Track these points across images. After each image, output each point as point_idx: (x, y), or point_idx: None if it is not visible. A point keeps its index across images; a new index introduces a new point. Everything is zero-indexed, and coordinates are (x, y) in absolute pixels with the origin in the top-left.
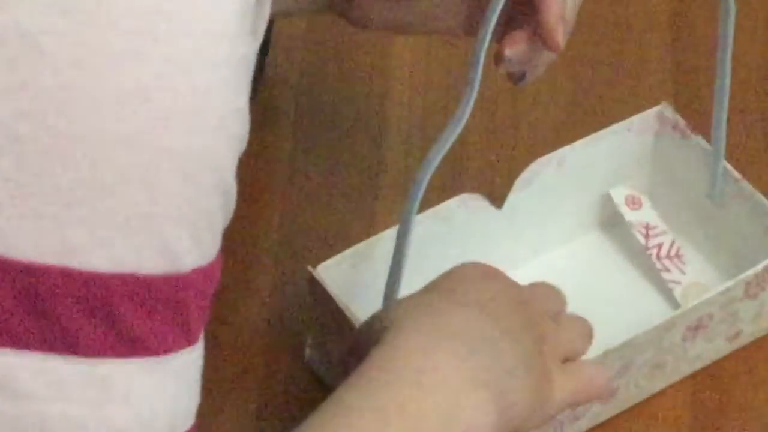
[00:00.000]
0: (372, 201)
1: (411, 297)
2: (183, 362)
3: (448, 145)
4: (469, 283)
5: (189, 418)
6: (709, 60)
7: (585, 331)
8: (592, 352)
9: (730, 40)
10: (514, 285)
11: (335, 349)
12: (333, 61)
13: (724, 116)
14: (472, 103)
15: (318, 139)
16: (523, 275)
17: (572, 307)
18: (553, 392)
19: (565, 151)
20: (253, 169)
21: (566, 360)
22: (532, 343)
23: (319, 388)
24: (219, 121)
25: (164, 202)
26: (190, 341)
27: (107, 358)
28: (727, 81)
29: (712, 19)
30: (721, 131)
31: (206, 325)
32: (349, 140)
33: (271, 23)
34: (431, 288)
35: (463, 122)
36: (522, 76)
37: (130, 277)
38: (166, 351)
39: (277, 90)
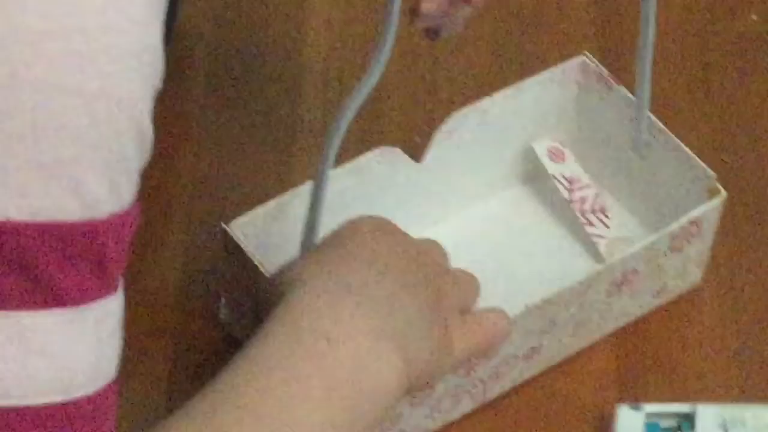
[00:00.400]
0: (288, 155)
1: (311, 254)
2: (103, 311)
3: (363, 96)
4: (364, 237)
5: (111, 369)
6: (633, 9)
7: (474, 284)
8: (515, 308)
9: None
10: (407, 238)
11: (250, 306)
12: (247, 11)
13: (648, 66)
14: (387, 53)
15: (232, 92)
16: (443, 230)
17: (494, 263)
18: (452, 344)
19: (485, 102)
20: (165, 123)
21: (462, 311)
22: (430, 296)
23: (233, 347)
24: (131, 59)
25: (77, 146)
26: (109, 289)
27: (25, 310)
28: (651, 31)
29: None
30: (645, 81)
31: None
32: (264, 92)
33: None
34: (329, 243)
35: (379, 72)
36: (437, 32)
37: (45, 226)
38: (86, 300)
39: (189, 41)
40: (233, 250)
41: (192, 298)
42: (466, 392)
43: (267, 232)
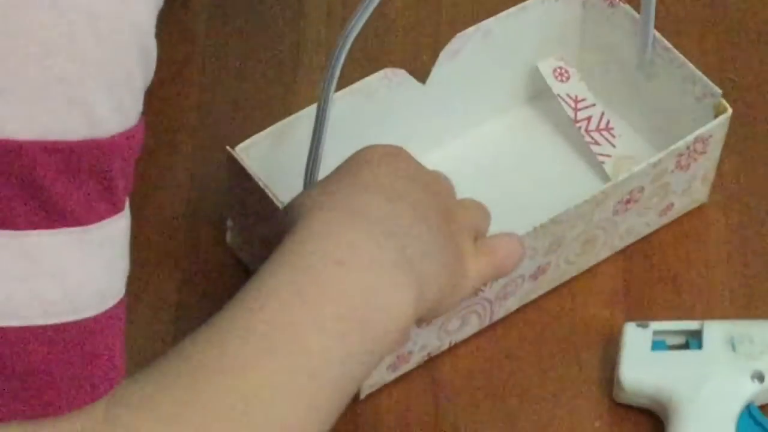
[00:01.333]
0: (292, 76)
1: (321, 183)
2: (110, 231)
3: (365, 17)
4: (375, 166)
5: (120, 288)
6: None
7: (484, 212)
8: (522, 228)
9: None
10: (418, 166)
11: (257, 230)
12: None
13: None
14: None
15: (236, 14)
16: (449, 151)
17: (500, 183)
18: (467, 270)
19: (489, 22)
20: (170, 46)
21: (474, 238)
22: (442, 223)
23: (240, 270)
24: None
25: (82, 65)
26: (116, 209)
27: (33, 230)
28: None
29: None
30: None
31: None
32: (267, 13)
33: None
34: (340, 172)
35: None
36: None
37: (51, 145)
38: (93, 220)
39: None
40: (239, 174)
41: (199, 222)
42: (473, 312)
43: (272, 155)
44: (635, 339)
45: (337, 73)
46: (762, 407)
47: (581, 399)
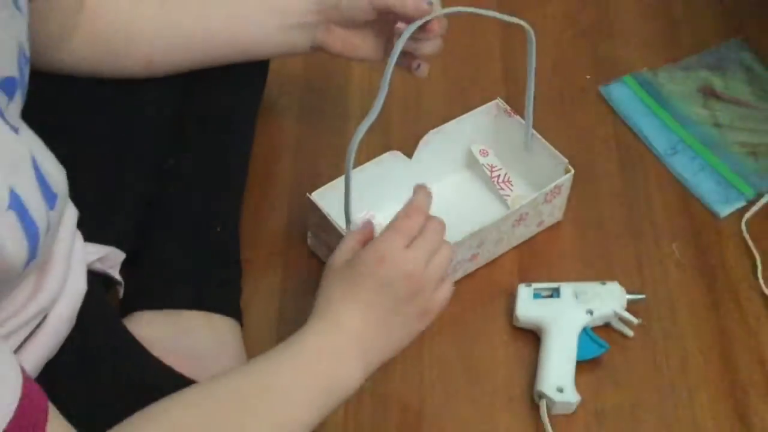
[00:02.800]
0: (342, 154)
1: (346, 264)
2: None
3: (368, 124)
4: (367, 278)
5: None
6: (525, 70)
7: (447, 257)
8: (463, 234)
9: (534, 60)
10: (399, 269)
11: (323, 238)
12: (321, 62)
13: (531, 106)
14: (382, 99)
15: (315, 113)
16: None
17: (450, 213)
18: (427, 319)
19: (446, 126)
20: (271, 135)
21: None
22: (405, 319)
23: (312, 258)
24: None
25: None
26: None
27: None
28: (532, 85)
29: (525, 53)
30: (529, 113)
31: (252, 226)
32: (327, 114)
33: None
34: (359, 261)
35: (377, 112)
36: (417, 66)
37: None
38: None
39: (285, 78)
40: (315, 209)
41: (293, 234)
42: None
43: (331, 197)
44: (524, 293)
45: (353, 156)
46: (592, 329)
47: (494, 326)
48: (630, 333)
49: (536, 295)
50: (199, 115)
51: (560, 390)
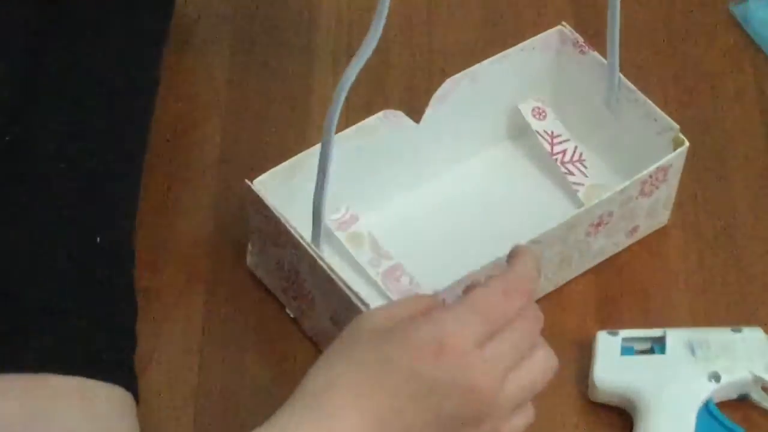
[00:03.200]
0: (304, 117)
1: (368, 339)
2: None
3: (361, 63)
4: (417, 363)
5: None
6: None
7: (549, 366)
8: (505, 250)
9: None
10: (475, 371)
11: (272, 253)
12: None
13: (617, 33)
14: (379, 29)
15: (254, 63)
16: (441, 183)
17: (487, 210)
18: None
19: (475, 68)
20: (196, 92)
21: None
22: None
23: (259, 288)
24: None
25: None
26: None
27: None
28: (617, 5)
29: None
30: (614, 46)
31: (155, 234)
32: (282, 64)
33: None
34: (389, 349)
35: (373, 45)
36: None
37: None
38: None
39: (214, 20)
40: (257, 205)
41: (223, 247)
42: None
43: (286, 187)
44: (606, 345)
45: (337, 113)
46: (718, 404)
47: (560, 399)
48: None
49: (627, 350)
50: (63, 62)
51: None
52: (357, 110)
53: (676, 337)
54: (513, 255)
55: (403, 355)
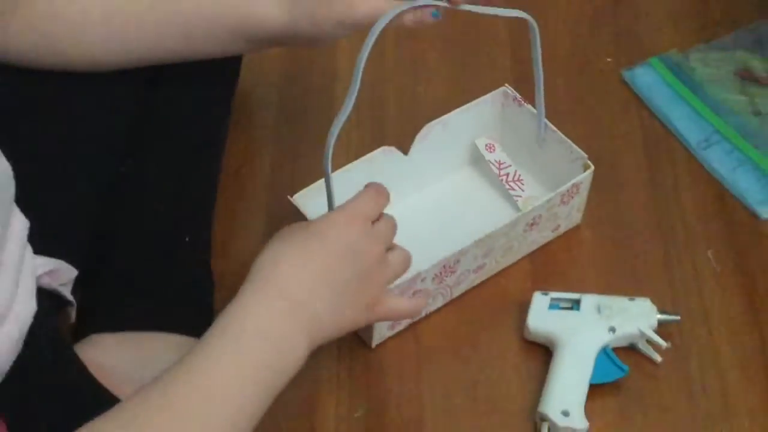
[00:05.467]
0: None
1: (296, 230)
2: None
3: (342, 121)
4: (325, 240)
5: None
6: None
7: (404, 263)
8: (468, 242)
9: (539, 55)
10: (355, 239)
11: None
12: (298, 65)
13: (542, 92)
14: (355, 91)
15: (294, 120)
16: (423, 196)
17: (452, 218)
18: (367, 318)
19: (446, 116)
20: (248, 141)
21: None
22: (357, 290)
23: None
24: None
25: None
26: None
27: None
28: (540, 70)
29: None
30: (540, 101)
31: (225, 232)
32: (309, 117)
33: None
34: (314, 230)
35: (350, 106)
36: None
37: None
38: None
39: (264, 87)
40: (297, 214)
41: None
42: (439, 293)
43: (318, 198)
44: (539, 301)
45: (330, 158)
46: (614, 350)
47: (506, 338)
48: (658, 358)
49: (553, 306)
50: (162, 114)
51: (565, 414)
52: (361, 147)
53: (588, 300)
54: (366, 187)
55: (323, 230)
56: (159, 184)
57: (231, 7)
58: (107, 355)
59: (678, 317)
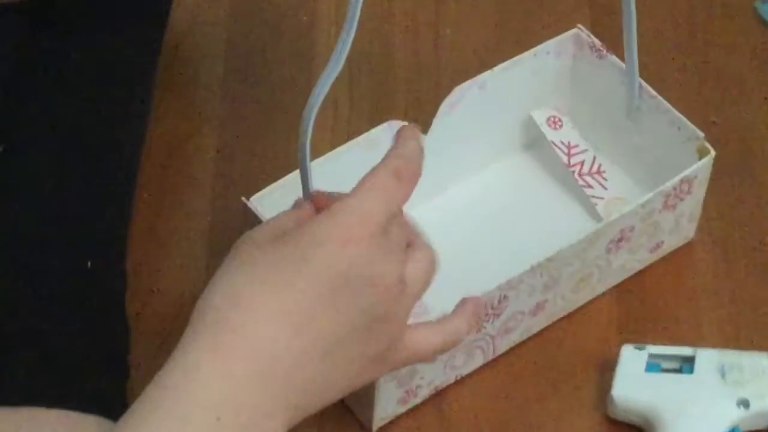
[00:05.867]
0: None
1: (262, 247)
2: None
3: (332, 77)
4: (325, 256)
5: None
6: None
7: (429, 268)
8: (520, 268)
9: None
10: (366, 260)
11: None
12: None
13: (634, 36)
14: (349, 43)
15: (249, 75)
16: (451, 197)
17: (499, 226)
18: (393, 361)
19: (485, 75)
20: (190, 105)
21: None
22: (377, 343)
23: None
24: None
25: None
26: None
27: None
28: (633, 10)
29: None
30: (633, 49)
31: (147, 256)
32: (278, 76)
33: None
34: (290, 250)
35: (343, 56)
36: None
37: None
38: None
39: (207, 29)
40: (254, 223)
41: (217, 267)
42: (477, 348)
43: (283, 204)
44: (631, 359)
45: (308, 137)
46: None
47: (578, 418)
48: None
49: (652, 367)
50: (50, 66)
51: None
52: (361, 122)
53: (706, 358)
54: (398, 136)
55: (307, 252)
56: (46, 179)
57: None
58: None
59: None
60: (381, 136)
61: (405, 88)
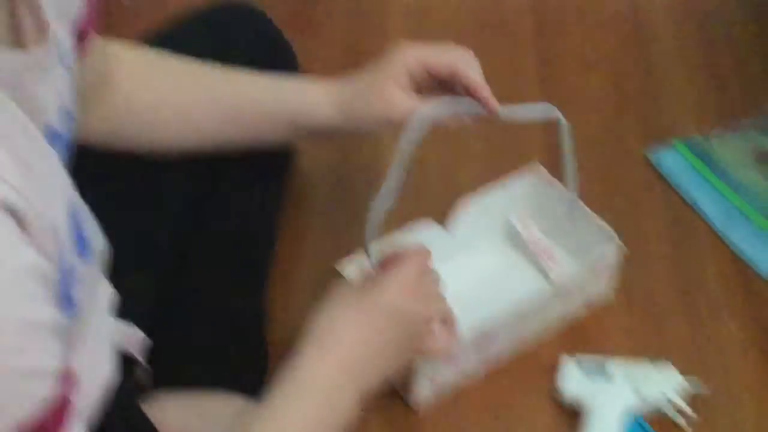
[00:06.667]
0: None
1: (350, 292)
2: None
3: (383, 209)
4: (391, 299)
5: None
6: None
7: (445, 306)
8: (504, 313)
9: (570, 153)
10: (406, 309)
11: None
12: (349, 152)
13: (573, 173)
14: (395, 183)
15: (343, 202)
16: (457, 267)
17: (489, 286)
18: (415, 356)
19: (481, 193)
20: (296, 222)
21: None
22: (411, 347)
23: None
24: None
25: None
26: None
27: None
28: (571, 152)
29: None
30: (572, 180)
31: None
32: (357, 204)
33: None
34: (369, 294)
35: (392, 196)
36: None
37: None
38: None
39: (313, 176)
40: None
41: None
42: (479, 362)
43: (363, 267)
44: (569, 366)
45: (373, 236)
46: (648, 419)
47: (537, 402)
48: (683, 422)
49: (583, 370)
50: (219, 201)
51: None
52: (401, 219)
53: (616, 365)
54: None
55: (381, 294)
56: (219, 254)
57: (288, 103)
58: (171, 414)
59: (698, 383)
60: (417, 227)
61: (431, 198)
